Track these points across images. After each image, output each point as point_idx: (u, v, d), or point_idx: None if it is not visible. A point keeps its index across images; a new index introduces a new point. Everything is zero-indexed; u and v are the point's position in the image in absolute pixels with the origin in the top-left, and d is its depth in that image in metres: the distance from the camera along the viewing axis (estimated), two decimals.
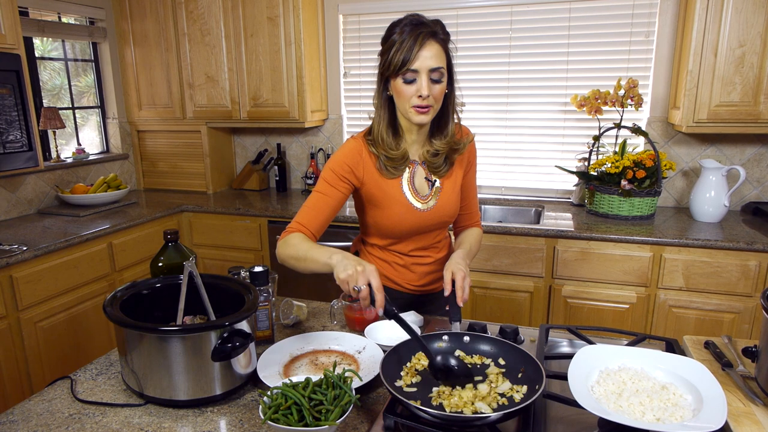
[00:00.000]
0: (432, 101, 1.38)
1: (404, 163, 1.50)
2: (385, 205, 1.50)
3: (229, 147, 3.71)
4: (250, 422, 1.07)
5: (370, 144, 1.48)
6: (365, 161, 1.49)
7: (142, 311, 1.23)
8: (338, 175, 1.47)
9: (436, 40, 1.35)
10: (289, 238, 1.42)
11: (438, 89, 1.38)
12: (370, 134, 1.50)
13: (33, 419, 1.09)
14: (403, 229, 1.53)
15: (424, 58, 1.34)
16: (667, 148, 2.89)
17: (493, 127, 3.17)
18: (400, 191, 1.50)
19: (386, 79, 1.41)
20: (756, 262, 2.28)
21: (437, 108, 1.42)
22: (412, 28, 1.34)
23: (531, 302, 2.63)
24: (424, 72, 1.35)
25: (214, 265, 3.20)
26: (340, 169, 1.47)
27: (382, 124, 1.46)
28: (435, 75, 1.36)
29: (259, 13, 3.09)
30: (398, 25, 1.37)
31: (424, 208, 1.52)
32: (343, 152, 1.49)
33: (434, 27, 1.36)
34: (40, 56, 3.14)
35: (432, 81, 1.36)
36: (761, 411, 1.03)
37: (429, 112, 1.40)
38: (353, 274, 1.18)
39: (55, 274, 2.41)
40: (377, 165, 1.49)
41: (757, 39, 2.34)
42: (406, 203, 1.50)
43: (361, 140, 1.50)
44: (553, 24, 2.93)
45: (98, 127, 3.58)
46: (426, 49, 1.34)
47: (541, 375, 1.04)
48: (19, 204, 2.91)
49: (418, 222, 1.53)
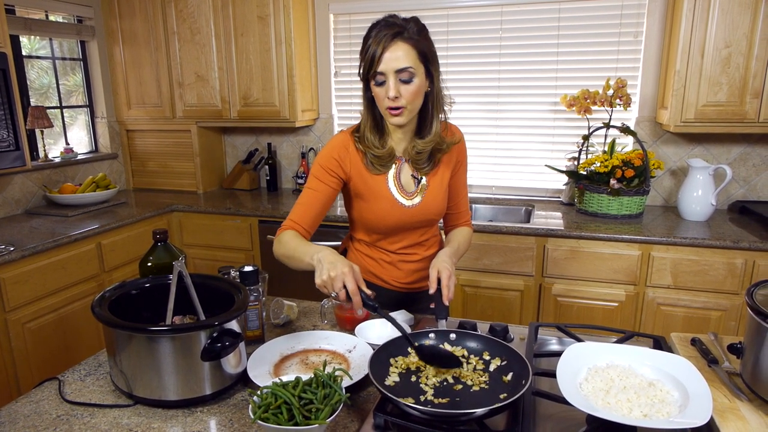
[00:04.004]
0: (404, 102, 1.37)
1: (391, 160, 1.51)
2: (371, 200, 1.51)
3: (219, 146, 3.69)
4: (240, 422, 1.07)
5: (357, 140, 1.49)
6: (352, 156, 1.50)
7: (131, 311, 1.22)
8: (326, 169, 1.49)
9: (402, 40, 1.34)
10: (282, 236, 1.43)
11: (408, 89, 1.37)
12: (358, 131, 1.50)
13: (20, 421, 1.08)
14: (388, 224, 1.53)
15: (388, 60, 1.34)
16: (656, 148, 2.91)
17: (483, 127, 3.19)
18: (386, 187, 1.51)
19: (366, 80, 1.42)
20: (742, 260, 2.31)
21: (413, 108, 1.41)
22: (379, 30, 1.35)
23: (521, 301, 2.64)
24: (390, 74, 1.35)
25: (204, 265, 3.19)
26: (327, 163, 1.49)
27: (367, 125, 1.48)
28: (403, 75, 1.35)
29: (250, 12, 3.08)
30: (374, 27, 1.38)
31: (409, 205, 1.52)
32: (330, 147, 1.51)
33: (403, 27, 1.34)
34: (27, 55, 3.11)
35: (401, 81, 1.36)
36: (746, 407, 1.05)
37: (403, 114, 1.39)
38: (327, 281, 1.20)
39: (43, 274, 2.39)
40: (364, 161, 1.50)
41: (743, 40, 2.37)
42: (391, 199, 1.51)
43: (349, 135, 1.51)
44: (543, 24, 2.95)
45: (87, 127, 3.55)
46: (390, 50, 1.33)
47: (527, 371, 1.05)
48: (6, 204, 2.88)
49: (403, 218, 1.53)
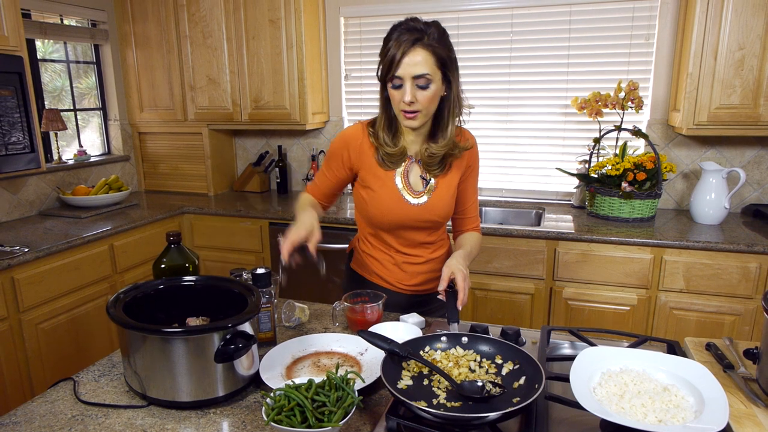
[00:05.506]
0: (419, 107, 1.39)
1: (402, 159, 1.53)
2: (378, 192, 1.53)
3: (230, 149, 3.71)
4: (252, 424, 1.08)
5: (371, 135, 1.52)
6: (363, 148, 1.53)
7: (144, 313, 1.23)
8: (333, 159, 1.57)
9: (422, 46, 1.34)
10: (302, 195, 1.65)
11: (424, 95, 1.38)
12: (373, 125, 1.53)
13: (36, 420, 1.09)
14: (392, 219, 1.54)
15: (407, 65, 1.35)
16: (668, 151, 2.89)
17: (493, 129, 3.18)
18: (393, 183, 1.53)
19: (383, 81, 1.43)
20: (756, 264, 2.29)
21: (428, 113, 1.43)
22: (400, 34, 1.35)
23: (532, 304, 2.63)
24: (407, 79, 1.36)
25: (215, 267, 3.21)
26: (333, 154, 1.57)
27: (382, 123, 1.51)
28: (420, 82, 1.36)
29: (261, 16, 3.10)
30: (395, 29, 1.38)
31: (415, 203, 1.53)
32: (341, 138, 1.56)
33: (423, 33, 1.34)
34: (41, 58, 3.15)
35: (418, 87, 1.37)
36: (763, 413, 1.04)
37: (417, 117, 1.41)
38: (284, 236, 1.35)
39: (57, 275, 2.41)
40: (376, 155, 1.52)
41: (756, 42, 2.35)
42: (397, 194, 1.53)
43: (364, 128, 1.54)
44: (554, 27, 2.94)
45: (99, 129, 3.58)
46: (409, 56, 1.34)
47: (540, 375, 1.04)
48: (20, 206, 2.91)
49: (407, 215, 1.54)
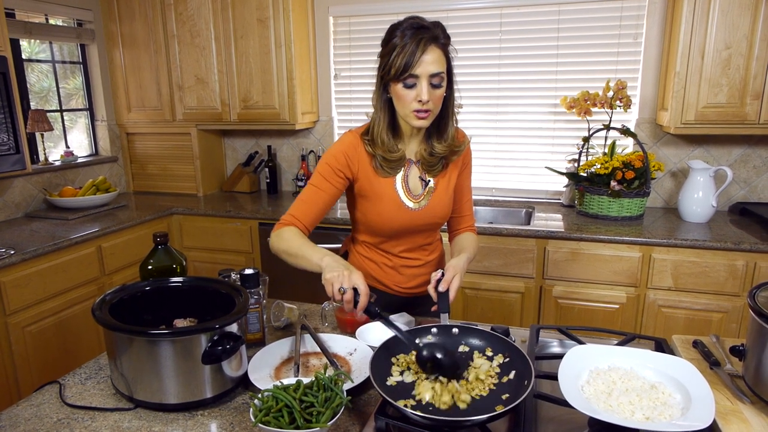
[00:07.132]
0: (431, 106, 1.38)
1: (401, 163, 1.50)
2: (377, 201, 1.51)
3: (219, 149, 3.69)
4: (240, 425, 1.07)
5: (367, 143, 1.48)
6: (360, 157, 1.49)
7: (131, 315, 1.22)
8: (334, 168, 1.48)
9: (437, 45, 1.35)
10: (282, 231, 1.43)
11: (437, 94, 1.38)
12: (367, 133, 1.49)
13: (21, 425, 1.07)
14: (393, 227, 1.53)
15: (426, 63, 1.33)
16: (656, 149, 2.91)
17: (483, 129, 3.18)
18: (393, 189, 1.50)
19: (386, 82, 1.41)
20: (743, 261, 2.31)
21: (436, 112, 1.42)
22: (414, 32, 1.33)
23: (522, 303, 2.64)
24: (424, 77, 1.35)
25: (204, 268, 3.18)
26: (335, 162, 1.48)
27: (381, 126, 1.46)
28: (435, 80, 1.36)
29: (249, 15, 3.08)
30: (399, 27, 1.36)
31: (415, 207, 1.52)
32: (340, 146, 1.49)
33: (435, 31, 1.35)
34: (27, 58, 3.11)
35: (432, 86, 1.36)
36: (749, 409, 1.05)
37: (428, 117, 1.40)
38: (339, 276, 1.20)
39: (44, 278, 2.38)
40: (372, 163, 1.49)
41: (743, 41, 2.37)
42: (398, 201, 1.50)
43: (358, 137, 1.50)
44: (543, 26, 2.95)
45: (87, 130, 3.55)
46: (428, 54, 1.33)
47: (530, 370, 1.04)
48: (6, 207, 2.87)
49: (408, 221, 1.53)
